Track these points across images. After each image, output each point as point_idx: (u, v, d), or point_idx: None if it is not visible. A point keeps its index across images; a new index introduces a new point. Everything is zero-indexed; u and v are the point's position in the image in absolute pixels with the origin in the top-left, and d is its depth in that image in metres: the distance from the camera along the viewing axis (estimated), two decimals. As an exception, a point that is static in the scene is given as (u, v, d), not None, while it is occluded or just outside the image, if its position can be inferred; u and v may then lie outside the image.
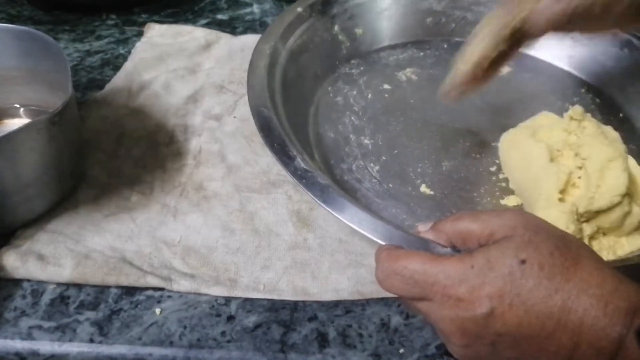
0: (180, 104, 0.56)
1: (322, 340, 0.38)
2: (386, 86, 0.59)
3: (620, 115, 0.57)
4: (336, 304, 0.40)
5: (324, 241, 0.44)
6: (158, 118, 0.55)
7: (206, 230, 0.45)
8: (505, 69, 0.61)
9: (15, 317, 0.38)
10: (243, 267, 0.42)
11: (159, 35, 0.66)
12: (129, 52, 0.64)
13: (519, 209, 0.33)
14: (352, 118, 0.55)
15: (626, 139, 0.53)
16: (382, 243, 0.35)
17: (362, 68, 0.61)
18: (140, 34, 0.67)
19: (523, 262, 0.29)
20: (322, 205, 0.38)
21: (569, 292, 0.28)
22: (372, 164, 0.50)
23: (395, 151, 0.52)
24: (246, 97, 0.58)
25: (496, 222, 0.31)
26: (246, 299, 0.40)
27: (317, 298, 0.41)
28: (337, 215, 0.38)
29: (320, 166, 0.48)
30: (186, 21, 0.71)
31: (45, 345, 0.37)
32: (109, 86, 0.58)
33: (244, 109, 0.57)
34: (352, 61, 0.62)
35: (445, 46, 0.65)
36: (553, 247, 0.29)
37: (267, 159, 0.51)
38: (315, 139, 0.52)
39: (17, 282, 0.41)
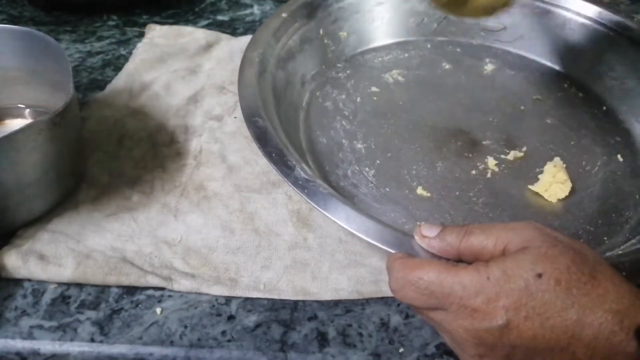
0: (181, 105, 0.57)
1: (322, 340, 0.38)
2: (374, 89, 0.59)
3: (604, 108, 0.59)
4: (336, 303, 0.41)
5: (324, 241, 0.44)
6: (159, 118, 0.55)
7: (206, 230, 0.45)
8: (489, 67, 0.63)
9: (16, 317, 0.39)
10: (243, 267, 0.42)
11: (159, 36, 0.66)
12: (130, 53, 0.64)
13: (532, 222, 0.32)
14: (343, 122, 0.55)
15: (611, 132, 0.55)
16: (392, 251, 0.35)
17: (348, 71, 0.61)
18: (141, 35, 0.67)
19: (539, 275, 0.29)
20: (327, 214, 0.38)
21: (584, 307, 0.28)
22: (367, 169, 0.50)
23: (389, 154, 0.52)
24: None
25: (511, 235, 0.31)
26: (246, 299, 0.40)
27: (317, 298, 0.41)
28: (344, 225, 0.37)
29: (316, 173, 0.47)
30: (187, 22, 0.71)
31: (46, 345, 0.37)
32: (110, 87, 0.58)
33: (245, 110, 0.57)
34: (339, 65, 0.62)
35: (428, 46, 0.66)
36: (570, 261, 0.29)
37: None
38: (308, 145, 0.52)
39: (18, 282, 0.41)
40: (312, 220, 0.46)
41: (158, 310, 0.39)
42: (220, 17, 0.73)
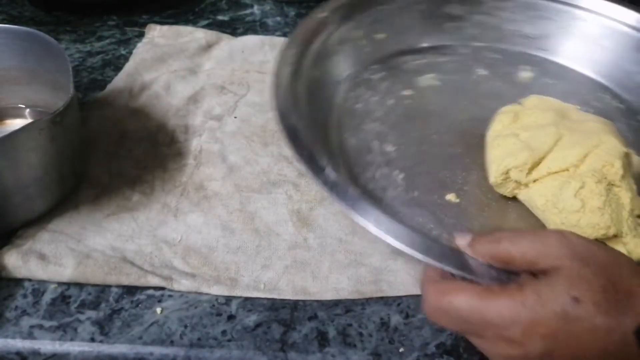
0: (181, 105, 0.57)
1: (322, 340, 0.38)
2: (407, 92, 0.58)
3: None
4: (336, 303, 0.41)
5: (324, 241, 0.44)
6: (159, 118, 0.55)
7: (207, 229, 0.45)
8: (526, 74, 0.61)
9: (16, 317, 0.39)
10: (243, 267, 0.42)
11: (159, 36, 0.67)
12: (130, 53, 0.64)
13: (559, 231, 0.32)
14: (374, 124, 0.54)
15: None
16: (420, 257, 0.34)
17: (383, 73, 0.60)
18: (141, 35, 0.67)
19: (576, 300, 0.28)
20: (355, 218, 0.37)
21: (625, 328, 0.27)
22: (396, 171, 0.49)
23: (419, 158, 0.50)
24: (246, 98, 0.59)
25: (539, 251, 0.30)
26: (246, 299, 0.41)
27: (317, 297, 0.41)
28: (372, 230, 0.36)
29: (345, 175, 0.46)
30: (187, 22, 0.71)
31: (46, 345, 0.37)
32: (110, 87, 0.58)
33: (245, 110, 0.57)
34: (374, 66, 0.60)
35: (465, 51, 0.64)
36: (605, 280, 0.28)
37: (267, 159, 0.51)
38: (337, 146, 0.51)
39: (18, 282, 0.41)
40: (312, 220, 0.46)
41: (158, 310, 0.39)
42: (220, 17, 0.73)
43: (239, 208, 0.46)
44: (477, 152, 0.51)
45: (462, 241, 0.34)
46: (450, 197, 0.47)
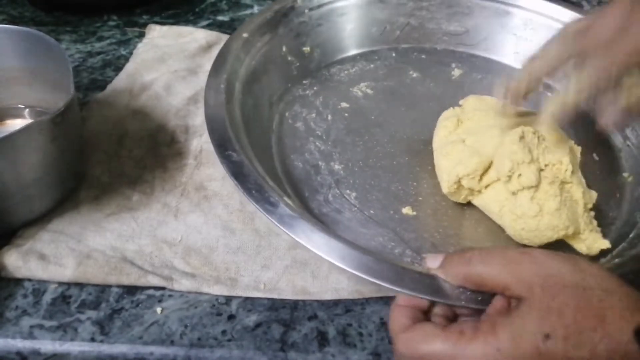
0: (181, 105, 0.57)
1: (322, 339, 0.38)
2: (344, 104, 0.57)
3: None
4: (336, 303, 0.41)
5: (324, 241, 0.44)
6: (159, 118, 0.55)
7: (207, 229, 0.45)
8: (456, 72, 0.63)
9: (17, 316, 0.39)
10: (243, 267, 0.42)
11: (160, 37, 0.67)
12: (131, 53, 0.64)
13: (527, 252, 0.32)
14: (317, 143, 0.52)
15: (584, 131, 0.52)
16: (389, 286, 0.34)
17: (315, 88, 0.59)
18: (141, 35, 0.67)
19: (547, 336, 0.28)
20: (323, 255, 0.36)
21: (599, 357, 0.27)
22: (348, 191, 0.48)
23: (368, 173, 0.50)
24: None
25: (511, 278, 0.30)
26: (247, 298, 0.41)
27: (317, 297, 0.41)
28: (341, 265, 0.36)
29: (296, 202, 0.44)
30: (187, 22, 0.71)
31: (46, 345, 0.38)
32: (110, 87, 0.58)
33: (245, 110, 0.57)
34: (305, 82, 0.59)
35: (393, 54, 0.64)
36: (575, 309, 0.28)
37: (267, 159, 0.51)
38: (283, 171, 0.49)
39: (18, 282, 0.41)
40: (312, 220, 0.46)
41: (158, 309, 0.40)
42: (220, 18, 0.73)
43: (239, 208, 0.46)
44: (424, 158, 0.51)
45: (433, 264, 0.34)
46: (407, 210, 0.47)
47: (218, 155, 0.42)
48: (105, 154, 0.50)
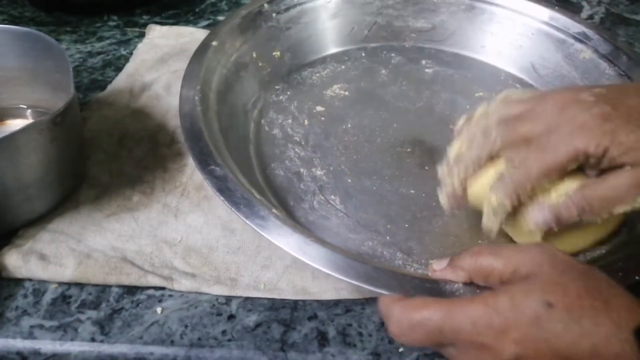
0: (181, 105, 0.57)
1: (322, 339, 0.38)
2: (319, 108, 0.56)
3: None
4: (336, 303, 0.41)
5: (324, 241, 0.44)
6: (159, 119, 0.55)
7: (207, 229, 0.45)
8: (427, 69, 0.63)
9: (17, 317, 0.39)
10: (244, 267, 0.42)
11: (160, 37, 0.67)
12: (131, 53, 0.64)
13: (542, 244, 0.32)
14: (297, 150, 0.52)
15: None
16: (392, 294, 0.33)
17: (289, 93, 0.58)
18: (141, 35, 0.67)
19: (550, 305, 0.27)
20: (322, 268, 0.36)
21: (598, 337, 0.27)
22: (332, 196, 0.47)
23: (351, 177, 0.49)
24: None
25: (520, 259, 0.31)
26: (247, 298, 0.41)
27: (317, 297, 0.41)
28: (341, 277, 0.35)
29: (282, 212, 0.43)
30: (187, 22, 0.72)
31: (46, 345, 0.38)
32: (110, 87, 0.58)
33: (245, 110, 0.57)
34: (277, 87, 0.58)
35: (363, 54, 0.64)
36: (581, 288, 0.28)
37: (267, 159, 0.51)
38: (265, 181, 0.48)
39: (18, 282, 0.41)
40: (312, 220, 0.46)
41: (158, 309, 0.40)
42: (220, 18, 0.73)
43: (239, 208, 0.46)
44: (404, 159, 0.51)
45: (439, 266, 0.35)
46: (393, 211, 0.46)
47: (201, 171, 0.41)
48: (105, 154, 0.50)
